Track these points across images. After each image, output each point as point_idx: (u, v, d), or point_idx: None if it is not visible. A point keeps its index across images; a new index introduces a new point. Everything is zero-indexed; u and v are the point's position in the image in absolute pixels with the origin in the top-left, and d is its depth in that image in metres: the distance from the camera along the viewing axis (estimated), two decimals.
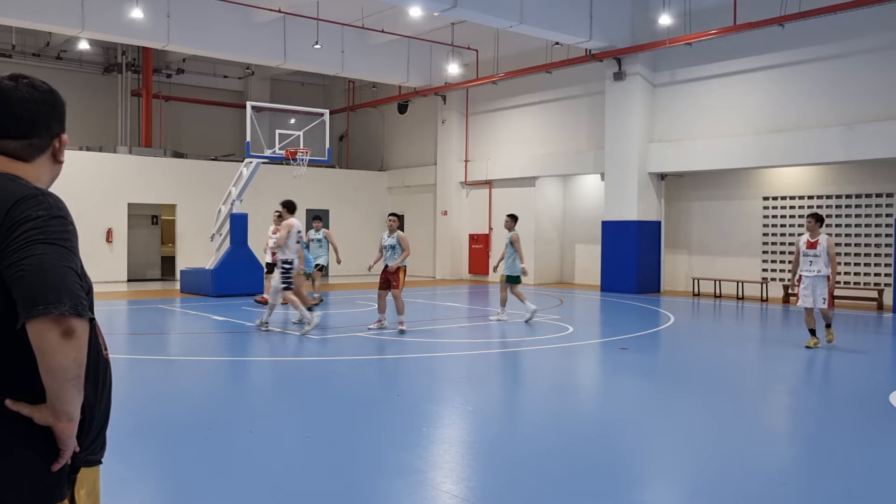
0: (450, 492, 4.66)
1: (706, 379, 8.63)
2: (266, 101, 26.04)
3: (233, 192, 18.02)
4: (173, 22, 19.18)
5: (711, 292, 18.88)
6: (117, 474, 4.90)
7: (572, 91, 21.57)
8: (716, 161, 18.13)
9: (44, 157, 2.00)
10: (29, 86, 1.95)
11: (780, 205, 18.24)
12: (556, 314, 14.57)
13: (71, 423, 1.80)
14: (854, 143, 15.70)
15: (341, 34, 22.01)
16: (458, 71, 22.97)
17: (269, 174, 22.20)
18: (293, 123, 18.00)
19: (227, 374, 8.97)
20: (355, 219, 26.50)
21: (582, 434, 6.32)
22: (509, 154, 23.27)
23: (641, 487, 4.99)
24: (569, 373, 9.38)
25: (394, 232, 11.81)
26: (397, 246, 11.73)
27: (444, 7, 16.14)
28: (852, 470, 5.24)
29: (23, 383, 1.80)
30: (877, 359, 10.21)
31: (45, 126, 1.97)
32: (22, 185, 1.87)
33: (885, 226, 16.39)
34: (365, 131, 28.86)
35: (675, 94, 19.17)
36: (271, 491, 4.62)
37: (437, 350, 10.49)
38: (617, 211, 19.61)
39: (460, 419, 6.67)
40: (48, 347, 1.71)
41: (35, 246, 1.75)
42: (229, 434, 6.01)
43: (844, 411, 7.03)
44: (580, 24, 18.17)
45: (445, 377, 8.64)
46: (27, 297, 1.71)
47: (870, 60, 15.83)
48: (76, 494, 1.93)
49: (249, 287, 17.31)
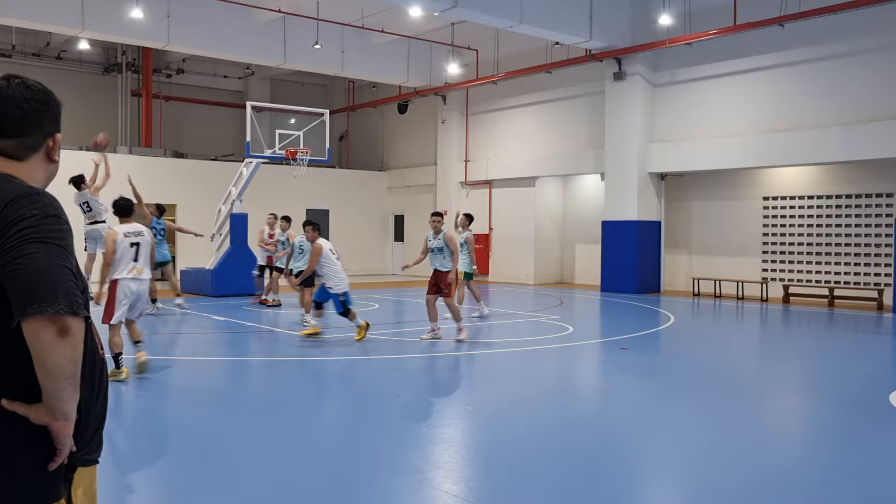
0: (450, 492, 4.65)
1: (706, 379, 8.62)
2: (266, 101, 26.04)
3: (233, 192, 18.02)
4: (173, 22, 19.18)
5: (711, 292, 18.88)
6: (114, 474, 4.90)
7: (572, 91, 21.56)
8: (716, 161, 18.13)
9: (37, 157, 2.00)
10: (21, 85, 1.96)
11: (780, 205, 18.23)
12: (556, 314, 14.56)
13: (67, 422, 1.80)
14: (854, 143, 15.69)
15: (341, 34, 22.01)
16: (458, 71, 22.97)
17: (269, 174, 22.19)
18: (293, 123, 18.00)
19: (227, 374, 8.96)
20: (355, 219, 26.50)
21: (582, 434, 6.31)
22: (509, 154, 23.27)
23: (641, 487, 4.99)
24: (569, 373, 9.38)
25: (439, 232, 10.91)
26: (445, 248, 10.82)
27: (444, 7, 16.13)
28: (852, 470, 5.23)
29: (19, 382, 1.80)
30: (877, 359, 10.20)
31: (37, 125, 1.97)
32: (16, 185, 1.87)
33: (885, 226, 16.38)
34: (365, 131, 28.85)
35: (675, 94, 19.16)
36: (271, 491, 4.62)
37: (437, 350, 10.48)
38: (617, 211, 19.60)
39: (460, 419, 6.66)
40: (43, 346, 1.71)
41: (30, 245, 1.74)
42: (229, 434, 6.00)
43: (844, 411, 7.02)
44: (580, 24, 18.16)
45: (445, 377, 8.64)
46: (22, 296, 1.71)
47: (870, 60, 15.83)
48: (73, 493, 1.92)
49: (249, 287, 17.29)
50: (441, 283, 10.79)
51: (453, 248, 10.79)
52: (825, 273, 17.43)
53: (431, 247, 10.96)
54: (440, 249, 10.84)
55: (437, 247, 10.86)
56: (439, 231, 10.90)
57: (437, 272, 10.90)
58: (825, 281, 17.36)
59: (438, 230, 10.90)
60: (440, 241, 10.84)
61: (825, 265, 17.44)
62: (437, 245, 10.86)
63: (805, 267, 17.79)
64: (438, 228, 10.91)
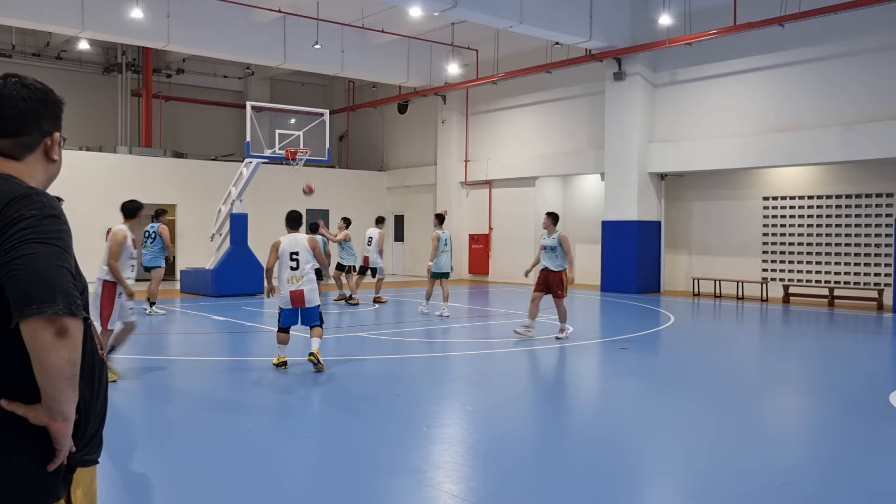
0: (450, 492, 4.65)
1: (706, 379, 8.62)
2: (266, 101, 26.05)
3: (233, 192, 18.02)
4: (173, 22, 19.17)
5: (711, 292, 18.87)
6: (114, 474, 4.90)
7: (572, 91, 21.56)
8: (716, 161, 18.13)
9: (35, 156, 1.99)
10: (18, 84, 1.95)
11: (780, 205, 18.23)
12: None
13: (66, 422, 1.79)
14: (854, 143, 15.69)
15: (341, 34, 22.01)
16: (458, 71, 22.96)
17: (269, 174, 22.19)
18: (293, 123, 18.00)
19: (227, 374, 8.95)
20: (355, 219, 26.39)
21: (582, 434, 6.31)
22: (509, 154, 23.27)
23: (641, 487, 4.99)
24: (569, 373, 9.38)
25: (552, 232, 10.97)
26: (558, 247, 10.88)
27: (444, 7, 16.13)
28: (852, 470, 5.23)
29: (18, 383, 1.80)
30: (877, 359, 10.20)
31: (34, 124, 1.96)
32: (16, 185, 1.86)
33: (885, 226, 16.38)
34: (365, 131, 28.85)
35: (675, 94, 19.16)
36: (271, 491, 4.61)
37: (437, 350, 10.48)
38: (617, 211, 19.60)
39: (460, 419, 6.66)
40: (42, 347, 1.70)
41: (29, 245, 1.74)
42: (229, 434, 6.00)
43: (844, 411, 7.02)
44: (580, 24, 18.16)
45: (445, 377, 8.63)
46: (21, 297, 1.70)
47: (870, 60, 15.83)
48: (72, 494, 1.92)
49: (249, 287, 17.30)
50: (552, 284, 10.89)
51: (567, 247, 10.87)
52: (825, 273, 17.43)
53: (544, 244, 11.00)
54: (552, 248, 10.92)
55: (549, 245, 10.94)
56: (553, 231, 10.98)
57: (547, 271, 10.96)
58: (825, 281, 17.35)
59: (552, 229, 10.99)
60: (554, 240, 10.91)
61: (825, 265, 17.44)
62: (550, 244, 10.93)
63: (805, 267, 17.79)
64: (551, 228, 11.00)
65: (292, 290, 8.46)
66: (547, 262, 10.95)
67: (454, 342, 11.42)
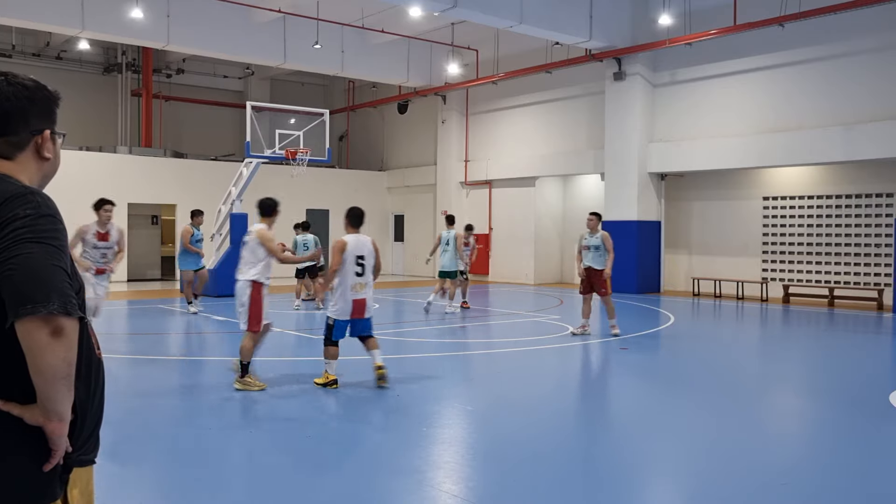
0: (450, 492, 4.64)
1: (706, 379, 8.61)
2: (266, 101, 26.04)
3: (233, 192, 18.01)
4: (173, 22, 19.17)
5: (711, 292, 18.87)
6: (112, 474, 4.89)
7: (572, 91, 21.55)
8: (716, 161, 18.12)
9: (27, 154, 1.96)
10: (4, 82, 1.92)
11: (780, 205, 18.22)
12: (557, 314, 14.56)
13: (62, 422, 1.79)
14: (854, 143, 15.69)
15: (341, 34, 22.00)
16: (458, 71, 22.96)
17: (270, 174, 22.18)
18: (293, 123, 18.00)
19: (227, 374, 8.94)
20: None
21: (582, 434, 6.31)
22: (509, 154, 23.26)
23: (641, 487, 4.98)
24: (569, 373, 9.37)
25: (596, 231, 11.15)
26: (601, 246, 11.05)
27: (444, 7, 16.13)
28: (852, 470, 5.22)
29: (13, 383, 1.79)
30: (877, 359, 10.19)
31: (21, 122, 1.94)
32: (10, 184, 1.85)
33: (885, 226, 16.37)
34: (365, 131, 28.85)
35: (675, 94, 19.15)
36: (271, 490, 4.61)
37: (437, 350, 10.47)
38: (617, 211, 19.59)
39: (460, 419, 6.66)
40: (37, 347, 1.70)
41: (24, 245, 1.73)
42: (228, 434, 6.00)
43: (844, 411, 7.01)
44: (580, 24, 18.15)
45: (445, 377, 8.62)
46: (16, 296, 1.69)
47: (870, 60, 15.82)
48: (69, 494, 1.91)
49: None
50: (596, 282, 11.09)
51: (609, 246, 11.04)
52: (825, 273, 17.42)
53: (587, 244, 11.17)
54: (596, 248, 11.09)
55: (593, 244, 11.10)
56: (596, 230, 11.15)
57: (591, 270, 11.14)
58: (825, 281, 17.35)
59: (596, 229, 11.15)
60: (597, 239, 11.08)
61: (825, 265, 17.43)
62: (593, 243, 11.11)
63: (805, 267, 17.78)
64: (595, 227, 11.17)
65: (356, 299, 7.53)
66: (592, 262, 11.16)
67: (454, 342, 11.42)
